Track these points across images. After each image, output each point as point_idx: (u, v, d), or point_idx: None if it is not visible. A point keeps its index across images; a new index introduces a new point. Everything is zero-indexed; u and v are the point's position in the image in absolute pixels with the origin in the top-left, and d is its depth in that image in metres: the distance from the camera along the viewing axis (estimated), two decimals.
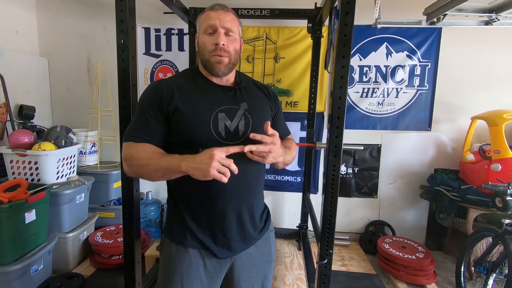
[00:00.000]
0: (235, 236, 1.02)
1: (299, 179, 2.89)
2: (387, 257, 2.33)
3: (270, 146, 0.90)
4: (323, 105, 2.78)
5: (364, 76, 2.74)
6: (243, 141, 0.97)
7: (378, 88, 2.74)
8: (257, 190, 1.08)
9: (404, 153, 2.79)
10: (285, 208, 2.97)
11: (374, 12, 2.15)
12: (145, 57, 2.85)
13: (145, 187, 2.85)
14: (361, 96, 2.77)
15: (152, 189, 2.90)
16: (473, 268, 2.06)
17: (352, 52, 2.64)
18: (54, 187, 2.15)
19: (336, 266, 2.45)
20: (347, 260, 2.57)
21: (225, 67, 0.99)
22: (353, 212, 2.90)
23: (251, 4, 2.48)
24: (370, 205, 2.89)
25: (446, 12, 1.89)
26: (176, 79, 1.04)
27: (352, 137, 2.78)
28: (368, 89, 2.75)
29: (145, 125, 0.96)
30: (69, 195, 2.23)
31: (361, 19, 2.32)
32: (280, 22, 2.68)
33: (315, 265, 1.65)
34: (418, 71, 2.69)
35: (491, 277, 1.90)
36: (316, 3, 2.24)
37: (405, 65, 2.68)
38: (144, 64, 2.85)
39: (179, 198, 1.04)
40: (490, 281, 1.90)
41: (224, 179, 0.82)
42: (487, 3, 1.94)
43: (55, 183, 2.13)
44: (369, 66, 2.72)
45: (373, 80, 2.74)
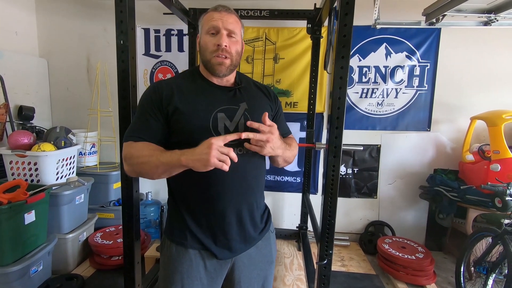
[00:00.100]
0: (236, 237, 1.02)
1: (299, 180, 2.89)
2: (387, 258, 2.33)
3: (268, 135, 0.90)
4: (323, 106, 2.78)
5: (364, 77, 2.74)
6: (243, 141, 0.96)
7: (378, 89, 2.74)
8: (257, 191, 1.08)
9: (404, 154, 2.80)
10: (285, 209, 2.97)
11: (373, 13, 2.15)
12: (145, 58, 2.85)
13: (145, 188, 2.84)
14: (361, 97, 2.77)
15: (152, 190, 2.89)
16: (473, 268, 2.06)
17: (352, 53, 2.64)
18: (54, 188, 2.14)
19: (336, 267, 2.45)
20: (347, 261, 2.57)
21: (227, 69, 0.99)
22: (353, 213, 2.90)
23: (251, 5, 2.49)
24: (370, 206, 2.89)
25: (445, 13, 1.89)
26: (176, 80, 1.04)
27: (352, 138, 2.79)
28: (368, 90, 2.76)
29: (145, 125, 0.97)
30: (69, 196, 2.23)
31: (361, 20, 2.33)
32: (280, 23, 2.68)
33: (315, 266, 1.65)
34: (418, 72, 2.69)
35: (491, 277, 1.91)
36: (316, 4, 2.25)
37: (405, 66, 2.68)
38: (144, 65, 2.85)
39: (180, 199, 1.04)
40: (490, 281, 1.91)
41: (225, 167, 0.82)
42: (486, 4, 1.94)
43: (55, 184, 2.13)
44: (369, 67, 2.73)
45: (373, 81, 2.74)
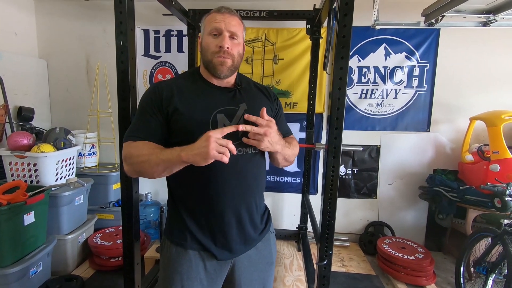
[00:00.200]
0: (235, 238, 1.02)
1: (299, 180, 2.89)
2: (387, 258, 2.33)
3: (265, 129, 0.91)
4: (322, 106, 2.79)
5: (363, 77, 2.75)
6: (242, 142, 0.96)
7: (377, 89, 2.74)
8: (257, 191, 1.08)
9: (403, 154, 2.80)
10: (285, 209, 2.97)
11: (373, 14, 2.16)
12: (144, 59, 2.85)
13: (145, 189, 2.84)
14: (360, 97, 2.77)
15: (152, 191, 2.89)
16: (473, 269, 2.06)
17: (351, 53, 2.63)
18: (53, 189, 2.14)
19: (336, 267, 2.45)
20: (347, 261, 2.57)
21: (228, 69, 1.00)
22: (353, 213, 2.90)
23: (250, 6, 2.49)
24: (370, 206, 2.89)
25: (444, 13, 1.90)
26: (176, 81, 1.04)
27: (351, 138, 2.79)
28: (367, 90, 2.76)
29: (145, 125, 0.97)
30: (68, 197, 2.23)
31: (360, 21, 2.33)
32: (279, 24, 2.68)
33: (315, 266, 1.64)
34: (417, 72, 2.70)
35: (491, 278, 1.91)
36: (315, 5, 2.25)
37: (404, 66, 2.69)
38: (143, 66, 2.85)
39: (179, 199, 1.03)
40: (490, 282, 1.91)
41: (225, 159, 0.82)
42: (485, 4, 1.95)
43: (54, 185, 2.13)
44: (368, 67, 2.73)
45: (372, 81, 2.74)
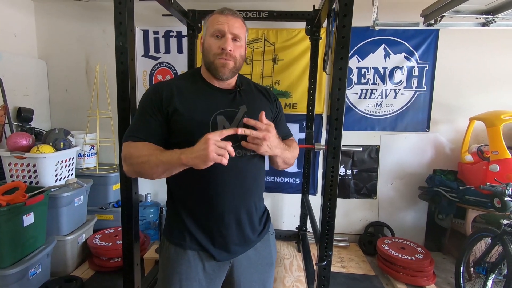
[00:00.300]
0: (234, 239, 1.02)
1: (298, 181, 2.89)
2: (387, 258, 2.33)
3: (264, 133, 0.90)
4: (322, 107, 2.79)
5: (362, 78, 2.75)
6: (241, 143, 0.97)
7: (377, 90, 2.75)
8: (257, 193, 1.08)
9: (403, 154, 2.80)
10: (284, 210, 2.97)
11: (372, 14, 2.16)
12: (144, 59, 2.85)
13: (144, 189, 2.84)
14: (360, 98, 2.77)
15: (151, 191, 2.89)
16: (472, 269, 2.06)
17: (350, 54, 2.65)
18: (53, 190, 2.14)
19: (336, 268, 2.45)
20: (347, 262, 2.57)
21: (230, 71, 1.00)
22: (352, 214, 2.90)
23: (250, 6, 2.49)
24: (369, 206, 2.89)
25: (443, 14, 1.90)
26: (176, 81, 1.04)
27: (351, 139, 2.79)
28: (367, 91, 2.76)
29: (145, 125, 0.97)
30: (68, 198, 2.22)
31: (359, 21, 2.33)
32: (279, 24, 2.68)
33: (315, 267, 1.65)
34: (416, 73, 2.70)
35: (490, 278, 1.91)
36: (314, 5, 2.25)
37: (403, 67, 2.69)
38: (143, 66, 2.85)
39: (178, 200, 1.03)
40: (489, 282, 1.91)
41: (224, 161, 0.82)
42: (484, 5, 1.95)
43: (54, 186, 2.13)
44: (367, 68, 2.73)
45: (371, 82, 2.74)
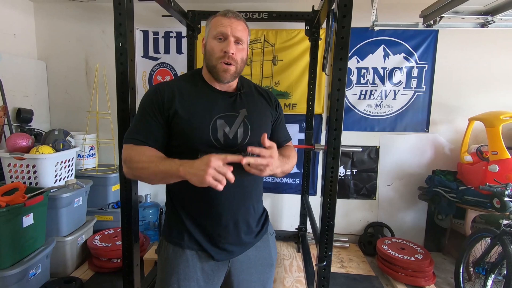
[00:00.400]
0: (232, 240, 1.02)
1: (298, 181, 2.89)
2: (386, 259, 2.33)
3: (268, 160, 0.88)
4: (321, 107, 2.79)
5: (362, 78, 2.75)
6: (242, 148, 0.97)
7: (376, 90, 2.75)
8: (255, 194, 1.08)
9: (402, 155, 2.80)
10: (284, 210, 2.97)
11: (371, 15, 2.17)
12: (143, 60, 2.85)
13: (144, 190, 2.84)
14: (359, 98, 2.78)
15: (151, 192, 2.89)
16: (472, 269, 2.06)
17: (350, 55, 2.66)
18: (52, 191, 2.14)
19: (335, 268, 2.45)
20: (346, 262, 2.57)
21: (231, 76, 0.99)
22: (352, 214, 2.90)
23: (249, 7, 2.50)
24: (369, 207, 2.89)
25: (443, 15, 1.91)
26: (177, 82, 1.03)
27: (351, 139, 2.79)
28: (366, 91, 2.76)
29: (146, 128, 0.96)
30: (67, 199, 2.22)
31: (359, 22, 2.34)
32: (278, 25, 2.69)
33: (314, 267, 1.65)
34: (416, 73, 2.70)
35: (490, 278, 1.91)
36: (314, 6, 2.26)
37: (403, 67, 2.69)
38: (142, 67, 2.85)
39: (177, 200, 1.03)
40: (489, 282, 1.91)
41: (220, 187, 0.81)
42: (483, 6, 1.96)
43: (53, 187, 2.13)
44: (367, 68, 2.74)
45: (371, 82, 2.75)
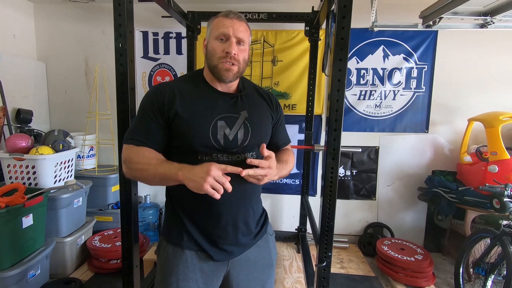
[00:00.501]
0: (231, 241, 1.02)
1: (298, 182, 2.89)
2: (386, 259, 2.33)
3: (267, 171, 0.90)
4: (321, 108, 2.79)
5: (361, 79, 2.76)
6: (241, 150, 0.99)
7: (376, 91, 2.75)
8: (254, 196, 1.08)
9: (402, 155, 2.81)
10: (284, 211, 2.96)
11: (371, 16, 2.17)
12: (143, 61, 2.85)
13: (144, 191, 2.84)
14: (359, 99, 2.78)
15: (151, 193, 2.89)
16: (472, 270, 2.06)
17: (349, 55, 2.66)
18: (52, 191, 2.14)
19: (335, 269, 2.44)
20: (346, 263, 2.57)
21: (233, 76, 0.99)
22: (352, 214, 2.90)
23: (249, 8, 2.50)
24: (369, 207, 2.89)
25: (442, 15, 1.91)
26: (178, 83, 1.03)
27: (350, 140, 2.79)
28: (366, 92, 2.77)
29: (146, 129, 0.96)
30: (67, 199, 2.22)
31: (358, 22, 2.34)
32: (278, 26, 2.69)
33: (314, 268, 1.64)
34: (415, 74, 2.71)
35: (490, 278, 1.91)
36: (313, 7, 2.26)
37: (402, 68, 2.70)
38: (142, 68, 2.85)
39: (177, 201, 1.04)
40: (489, 282, 1.91)
41: (217, 196, 0.82)
42: (482, 7, 1.96)
43: (53, 187, 2.12)
44: (366, 69, 2.74)
45: (370, 83, 2.75)
